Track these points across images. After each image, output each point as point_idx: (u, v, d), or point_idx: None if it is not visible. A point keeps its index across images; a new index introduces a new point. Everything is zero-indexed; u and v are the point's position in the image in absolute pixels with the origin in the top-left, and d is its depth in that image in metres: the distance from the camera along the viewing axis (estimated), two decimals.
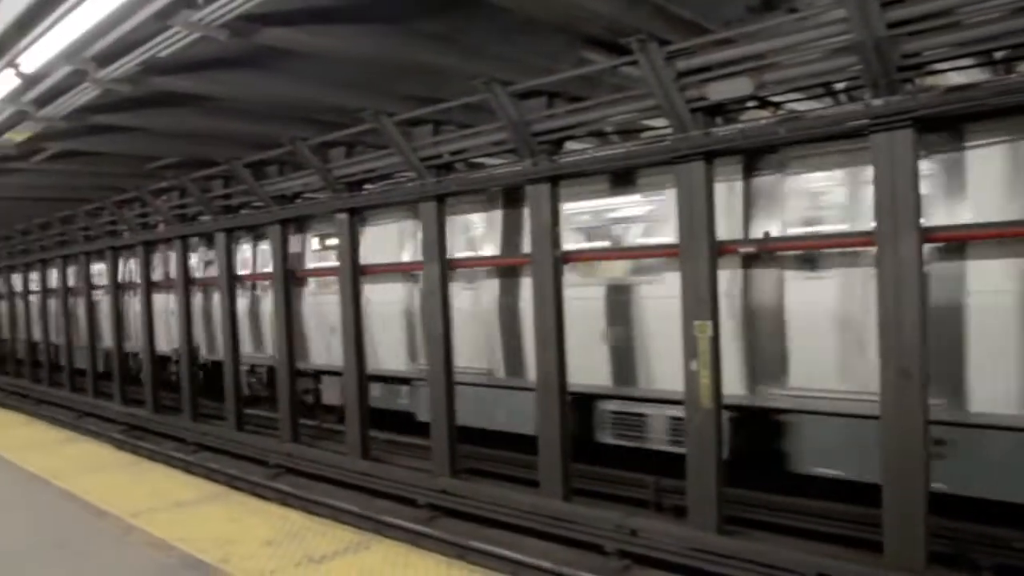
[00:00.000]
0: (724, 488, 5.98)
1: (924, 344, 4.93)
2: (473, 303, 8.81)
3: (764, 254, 6.55)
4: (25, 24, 5.30)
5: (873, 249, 5.23)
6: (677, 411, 6.58)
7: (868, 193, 5.39)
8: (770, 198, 6.69)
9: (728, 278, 6.52)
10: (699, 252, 5.91)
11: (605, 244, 7.83)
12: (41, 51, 5.37)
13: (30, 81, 6.00)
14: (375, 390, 9.83)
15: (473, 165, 8.08)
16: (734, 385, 6.51)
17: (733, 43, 5.42)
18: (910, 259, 4.93)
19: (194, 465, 10.14)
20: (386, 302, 9.77)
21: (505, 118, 6.59)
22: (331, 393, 10.98)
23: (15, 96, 6.43)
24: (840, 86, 5.70)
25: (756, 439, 6.77)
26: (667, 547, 6.13)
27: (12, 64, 5.57)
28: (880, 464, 5.15)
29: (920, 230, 4.94)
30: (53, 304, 17.28)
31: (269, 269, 10.47)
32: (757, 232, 6.61)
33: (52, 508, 5.43)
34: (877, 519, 5.20)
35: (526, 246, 7.45)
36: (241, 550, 4.48)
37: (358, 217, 9.03)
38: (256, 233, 12.13)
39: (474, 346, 8.71)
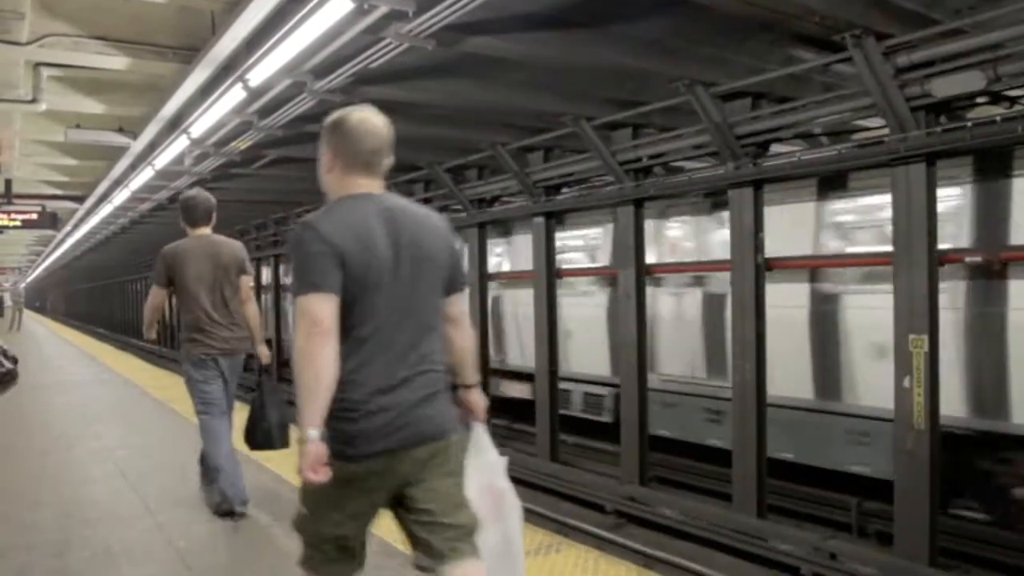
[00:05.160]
0: (939, 516, 5.52)
1: None
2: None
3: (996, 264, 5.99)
4: (253, 43, 5.81)
5: None
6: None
7: None
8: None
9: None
10: (917, 261, 5.48)
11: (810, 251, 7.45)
12: (265, 67, 5.82)
13: (255, 94, 6.54)
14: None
15: (672, 169, 7.95)
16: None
17: (963, 34, 4.99)
18: None
19: None
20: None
21: (707, 120, 6.43)
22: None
23: (241, 108, 7.05)
24: None
25: None
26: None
27: (242, 79, 6.10)
28: None
29: None
30: (264, 300, 18.70)
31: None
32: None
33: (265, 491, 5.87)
34: None
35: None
36: None
37: (555, 221, 9.12)
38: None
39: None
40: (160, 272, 4.72)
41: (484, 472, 2.75)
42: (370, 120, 2.48)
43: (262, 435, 4.68)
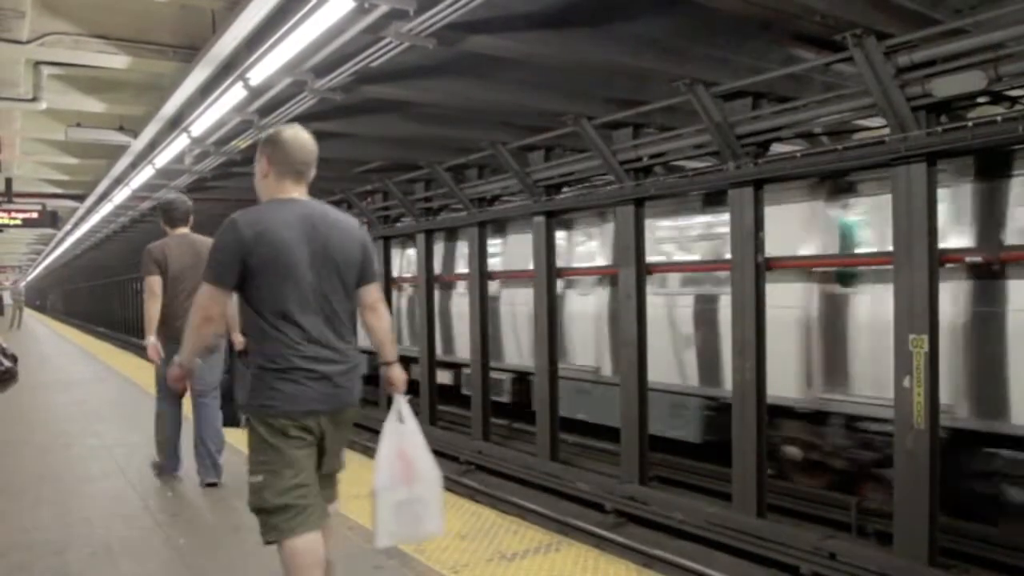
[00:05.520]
0: (939, 517, 5.52)
1: None
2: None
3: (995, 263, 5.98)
4: (253, 42, 5.81)
5: None
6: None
7: None
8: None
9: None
10: (917, 261, 5.48)
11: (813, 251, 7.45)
12: (266, 66, 5.82)
13: (255, 93, 6.54)
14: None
15: (672, 169, 7.95)
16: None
17: (964, 33, 4.99)
18: None
19: None
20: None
21: (707, 120, 6.42)
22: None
23: (242, 107, 7.05)
24: None
25: None
26: (869, 575, 5.73)
27: (242, 78, 6.10)
28: None
29: None
30: None
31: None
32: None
33: None
34: None
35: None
36: (435, 542, 4.59)
37: (555, 220, 9.11)
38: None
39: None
40: (148, 264, 5.38)
41: (400, 438, 3.12)
42: (302, 136, 3.01)
43: (230, 414, 5.23)
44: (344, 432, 3.09)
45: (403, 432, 3.12)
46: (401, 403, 3.14)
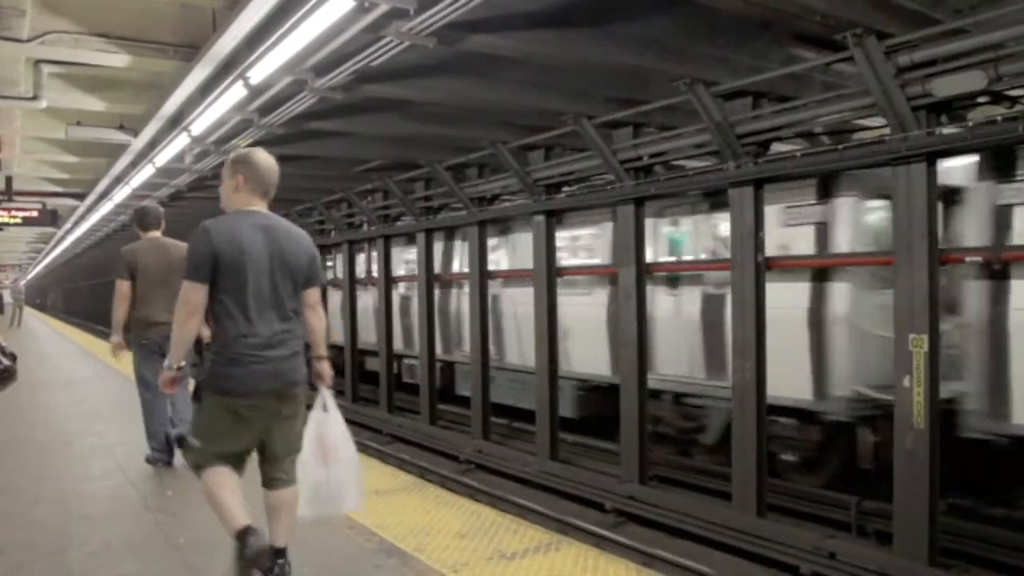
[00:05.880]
0: (939, 517, 5.52)
1: None
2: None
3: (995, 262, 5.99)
4: (254, 41, 5.81)
5: None
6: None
7: None
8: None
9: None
10: (917, 260, 5.48)
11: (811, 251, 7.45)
12: (266, 65, 5.83)
13: (255, 92, 6.54)
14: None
15: (672, 168, 7.96)
16: None
17: (964, 33, 4.99)
18: None
19: (388, 455, 10.61)
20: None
21: (708, 119, 6.43)
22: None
23: (242, 106, 7.06)
24: None
25: None
26: (868, 575, 5.73)
27: (242, 77, 6.10)
28: None
29: None
30: None
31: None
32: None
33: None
34: None
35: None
36: (435, 541, 4.62)
37: (555, 219, 9.11)
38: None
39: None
40: (122, 267, 5.80)
41: (321, 425, 3.54)
42: (271, 160, 3.57)
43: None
44: (292, 411, 3.53)
45: (326, 420, 3.55)
46: (326, 395, 3.60)
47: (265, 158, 3.54)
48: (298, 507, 3.56)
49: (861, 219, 7.36)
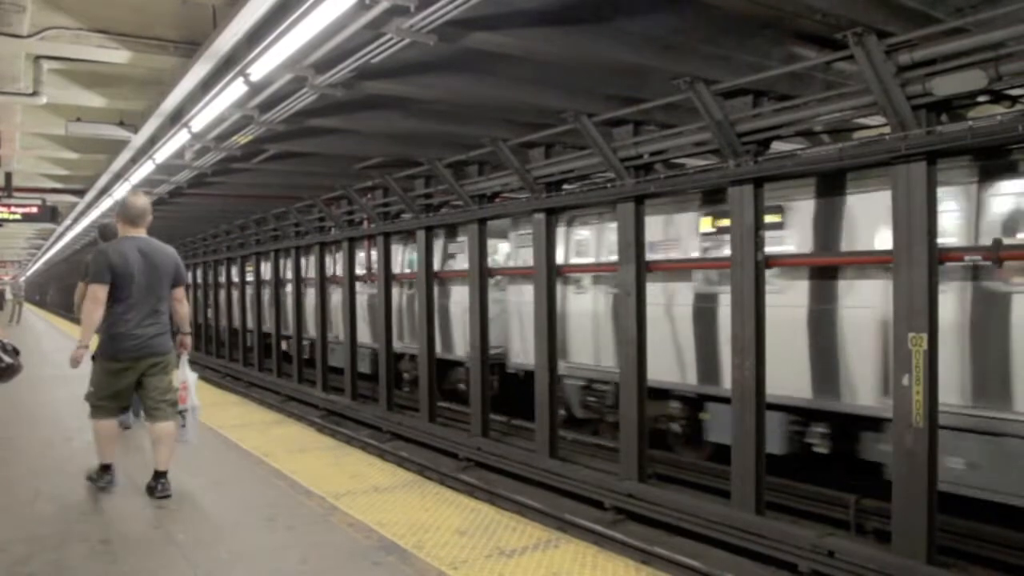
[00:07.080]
0: (938, 516, 5.53)
1: None
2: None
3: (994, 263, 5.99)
4: (254, 38, 5.80)
5: None
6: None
7: None
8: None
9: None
10: (916, 260, 5.48)
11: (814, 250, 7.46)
12: (267, 61, 5.80)
13: (256, 88, 6.53)
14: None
15: (672, 166, 7.95)
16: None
17: (964, 32, 4.99)
18: None
19: (387, 453, 10.63)
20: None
21: (708, 118, 6.42)
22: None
23: (242, 102, 7.05)
24: None
25: None
26: (867, 573, 5.74)
27: (243, 74, 6.09)
28: None
29: None
30: (266, 294, 18.78)
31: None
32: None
33: (264, 485, 5.89)
34: None
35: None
36: (434, 538, 4.62)
37: (555, 217, 9.11)
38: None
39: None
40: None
41: (184, 378, 5.60)
42: (139, 200, 5.38)
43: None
44: (158, 370, 5.28)
45: (186, 375, 5.60)
46: (184, 359, 5.65)
47: (133, 201, 5.34)
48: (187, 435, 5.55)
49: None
